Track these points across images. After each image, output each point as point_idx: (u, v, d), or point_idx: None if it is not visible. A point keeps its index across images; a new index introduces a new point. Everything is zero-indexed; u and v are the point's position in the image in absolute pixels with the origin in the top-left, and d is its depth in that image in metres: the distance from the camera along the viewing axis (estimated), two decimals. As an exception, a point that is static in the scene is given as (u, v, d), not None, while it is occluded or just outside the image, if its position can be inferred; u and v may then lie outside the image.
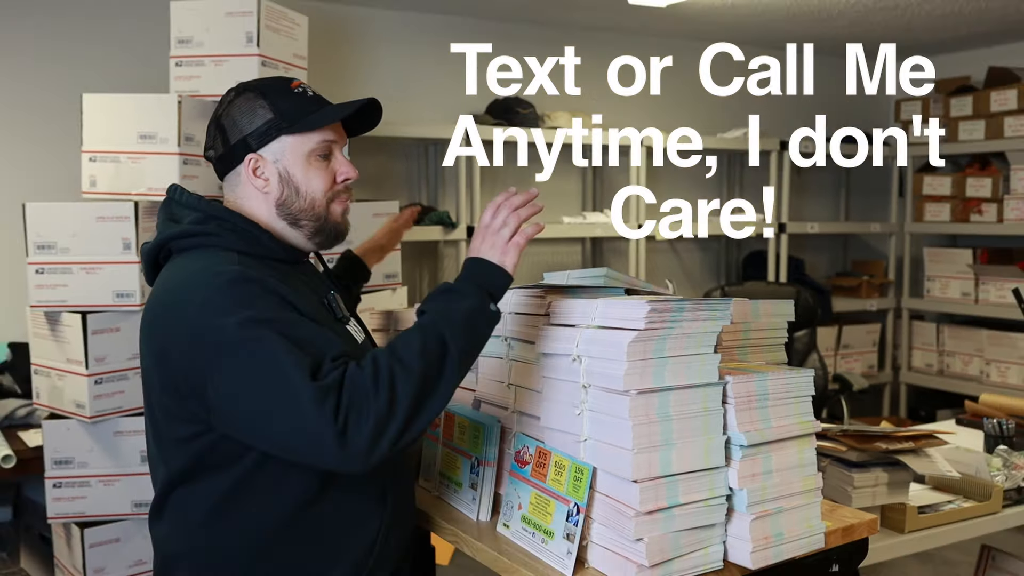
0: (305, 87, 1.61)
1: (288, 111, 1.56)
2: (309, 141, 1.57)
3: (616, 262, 4.86)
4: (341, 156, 1.63)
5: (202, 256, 1.49)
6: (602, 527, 1.40)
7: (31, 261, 2.61)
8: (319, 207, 1.59)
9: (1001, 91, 4.79)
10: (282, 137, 1.55)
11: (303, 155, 1.57)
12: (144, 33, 3.63)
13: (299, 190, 1.57)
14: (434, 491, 1.81)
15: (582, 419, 1.44)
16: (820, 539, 1.49)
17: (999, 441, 2.47)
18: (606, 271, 1.59)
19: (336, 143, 1.62)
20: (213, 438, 1.43)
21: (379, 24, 4.25)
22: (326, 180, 1.59)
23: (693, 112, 5.04)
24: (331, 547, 1.50)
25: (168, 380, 1.44)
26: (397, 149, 4.32)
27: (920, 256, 5.39)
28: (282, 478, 1.45)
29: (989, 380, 4.86)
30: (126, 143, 2.66)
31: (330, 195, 1.60)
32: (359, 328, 1.70)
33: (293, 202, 1.58)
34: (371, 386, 1.31)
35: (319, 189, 1.58)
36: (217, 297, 1.39)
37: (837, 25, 4.64)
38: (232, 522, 1.47)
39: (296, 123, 1.55)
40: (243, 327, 1.34)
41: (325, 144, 1.59)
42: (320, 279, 1.71)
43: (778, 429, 1.45)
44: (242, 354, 1.33)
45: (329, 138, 1.59)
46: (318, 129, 1.58)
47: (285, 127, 1.55)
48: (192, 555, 1.51)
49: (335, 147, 1.62)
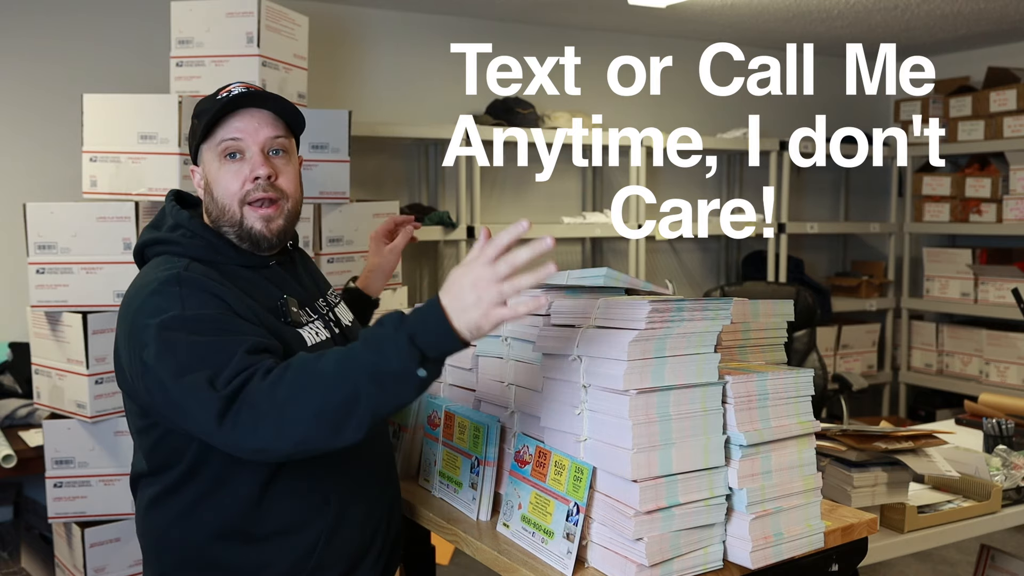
0: (236, 89, 1.56)
1: (202, 119, 1.56)
2: (214, 144, 1.55)
3: (616, 262, 4.87)
4: (258, 155, 1.54)
5: (162, 262, 1.53)
6: (602, 527, 1.40)
7: (32, 261, 2.61)
8: (231, 212, 1.54)
9: (1000, 91, 4.79)
10: (201, 147, 1.58)
11: (215, 160, 1.55)
12: (144, 33, 3.63)
13: (213, 195, 1.55)
14: (434, 491, 1.81)
15: (582, 419, 1.44)
16: (820, 539, 1.49)
17: (998, 441, 2.47)
18: (606, 271, 1.59)
19: (244, 141, 1.54)
20: (161, 431, 1.50)
21: (379, 24, 4.25)
22: (236, 181, 1.53)
23: (693, 112, 5.05)
24: (266, 550, 1.51)
25: (121, 375, 1.53)
26: (397, 149, 4.32)
27: (919, 256, 5.39)
28: (223, 479, 1.49)
29: (988, 380, 4.86)
30: (126, 143, 2.66)
31: (242, 197, 1.54)
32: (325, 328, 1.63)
33: (212, 208, 1.56)
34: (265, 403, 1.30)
35: (228, 191, 1.53)
36: (150, 300, 1.43)
37: (837, 25, 4.64)
38: (172, 516, 1.53)
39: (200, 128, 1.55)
40: (163, 329, 1.38)
41: (228, 143, 1.54)
42: (292, 281, 1.64)
43: (778, 429, 1.45)
44: (160, 352, 1.37)
45: (231, 136, 1.54)
46: (219, 129, 1.54)
47: (198, 134, 1.56)
48: (143, 541, 1.61)
49: (246, 145, 1.54)
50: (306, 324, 1.58)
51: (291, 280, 1.63)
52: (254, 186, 1.54)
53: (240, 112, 1.55)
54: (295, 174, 1.62)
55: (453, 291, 1.26)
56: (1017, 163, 4.72)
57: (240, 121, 1.54)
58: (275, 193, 1.55)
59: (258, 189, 1.54)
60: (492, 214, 4.51)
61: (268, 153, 1.56)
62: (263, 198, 1.54)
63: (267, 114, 1.57)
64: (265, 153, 1.55)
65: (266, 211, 1.55)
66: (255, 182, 1.53)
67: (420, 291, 4.35)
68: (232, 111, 1.55)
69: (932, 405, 5.26)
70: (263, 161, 1.54)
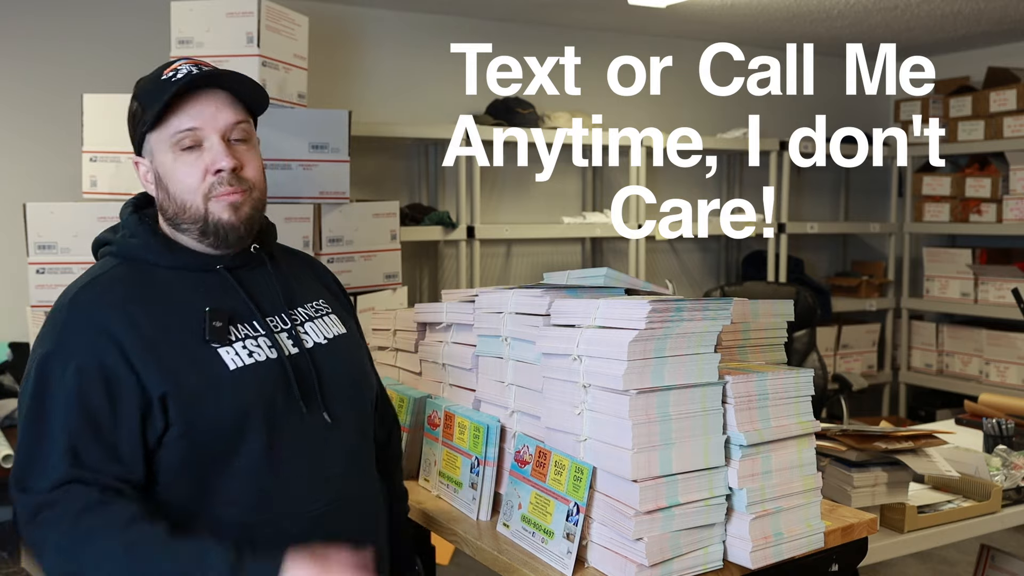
0: (181, 68, 1.38)
1: (147, 104, 1.38)
2: (166, 134, 1.38)
3: (616, 262, 4.86)
4: (219, 145, 1.38)
5: (97, 265, 1.45)
6: (602, 527, 1.40)
7: (32, 261, 2.61)
8: (193, 208, 1.38)
9: (1000, 91, 4.79)
10: (148, 136, 1.41)
11: (167, 151, 1.39)
12: (144, 33, 3.62)
13: (169, 191, 1.40)
14: (434, 491, 1.81)
15: (582, 419, 1.44)
16: (820, 539, 1.49)
17: (998, 441, 2.47)
18: (606, 271, 1.60)
19: (202, 129, 1.37)
20: None
21: (379, 24, 4.25)
22: (195, 175, 1.37)
23: (693, 112, 5.05)
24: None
25: None
26: (397, 149, 4.32)
27: (919, 256, 5.39)
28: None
29: (988, 380, 4.86)
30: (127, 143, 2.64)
31: (205, 191, 1.38)
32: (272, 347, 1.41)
33: (168, 206, 1.41)
34: (61, 553, 1.23)
35: (188, 187, 1.37)
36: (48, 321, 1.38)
37: (837, 25, 4.64)
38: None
39: (149, 116, 1.37)
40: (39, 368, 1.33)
41: (184, 134, 1.37)
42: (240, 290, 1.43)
43: (778, 429, 1.45)
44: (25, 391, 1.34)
45: (187, 126, 1.37)
46: (171, 117, 1.37)
47: (145, 123, 1.39)
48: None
49: (204, 134, 1.38)
50: (235, 342, 1.37)
51: (240, 289, 1.42)
52: (217, 179, 1.38)
53: (194, 95, 1.38)
54: (259, 161, 1.46)
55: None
56: (1017, 163, 4.72)
57: (195, 107, 1.37)
58: (241, 186, 1.40)
59: (222, 183, 1.38)
60: (492, 214, 4.52)
61: (229, 140, 1.40)
62: (229, 192, 1.39)
63: (224, 95, 1.41)
64: (226, 140, 1.39)
65: (232, 197, 1.39)
66: (218, 175, 1.38)
67: (420, 291, 4.36)
68: (184, 95, 1.38)
69: (932, 405, 5.26)
70: (225, 152, 1.38)
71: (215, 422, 1.33)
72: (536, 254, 4.71)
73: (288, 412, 1.39)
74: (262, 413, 1.36)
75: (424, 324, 1.99)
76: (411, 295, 4.17)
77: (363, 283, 3.06)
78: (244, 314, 1.41)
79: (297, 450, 1.39)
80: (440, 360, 1.90)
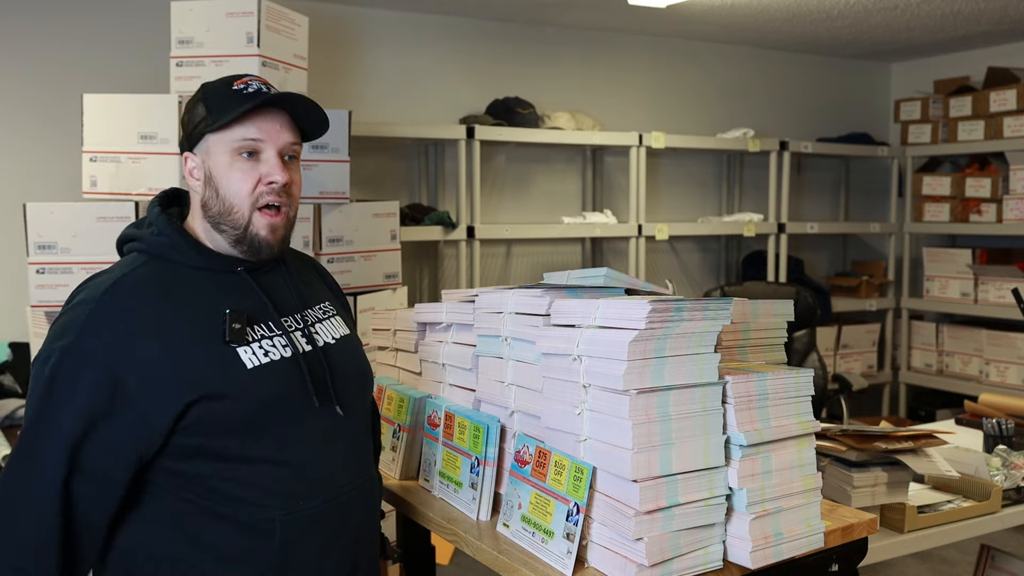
0: (252, 84, 1.50)
1: (217, 109, 1.47)
2: (229, 138, 1.46)
3: (616, 262, 4.87)
4: (276, 159, 1.48)
5: (126, 260, 1.49)
6: (602, 527, 1.40)
7: (32, 261, 2.61)
8: (238, 214, 1.47)
9: (1000, 91, 4.80)
10: (208, 135, 1.48)
11: (226, 154, 1.47)
12: (144, 33, 3.63)
13: (219, 191, 1.47)
14: (434, 491, 1.81)
15: (582, 419, 1.44)
16: (820, 539, 1.49)
17: (998, 441, 2.48)
18: (606, 271, 1.59)
19: (264, 142, 1.48)
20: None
21: (379, 24, 4.25)
22: (248, 182, 1.46)
23: (693, 112, 5.05)
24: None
25: None
26: (397, 149, 4.32)
27: (919, 256, 5.39)
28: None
29: (988, 380, 4.86)
30: (127, 143, 2.67)
31: (253, 199, 1.47)
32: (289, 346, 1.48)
33: (213, 204, 1.48)
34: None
35: (240, 191, 1.46)
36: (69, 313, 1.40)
37: (837, 25, 4.64)
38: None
39: (217, 120, 1.46)
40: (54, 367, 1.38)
41: (247, 142, 1.46)
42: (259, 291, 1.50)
43: (778, 429, 1.45)
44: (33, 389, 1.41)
45: (252, 136, 1.47)
46: (237, 125, 1.46)
47: (210, 124, 1.47)
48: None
49: (265, 146, 1.48)
50: (253, 342, 1.44)
51: (259, 289, 1.50)
52: (267, 189, 1.47)
53: (262, 110, 1.48)
54: (301, 180, 1.58)
55: None
56: (1017, 163, 4.72)
57: (262, 121, 1.48)
58: (286, 199, 1.50)
59: (271, 193, 1.47)
60: (492, 214, 4.52)
61: (284, 158, 1.51)
62: (276, 203, 1.48)
63: (286, 117, 1.52)
64: (282, 157, 1.50)
65: (274, 220, 1.48)
66: (269, 186, 1.47)
67: (420, 291, 4.36)
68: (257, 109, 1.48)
69: (932, 405, 5.26)
70: (280, 167, 1.48)
71: (231, 421, 1.39)
72: (536, 254, 4.71)
73: (302, 406, 1.46)
74: (277, 408, 1.43)
75: (424, 324, 1.99)
76: (411, 295, 4.17)
77: (363, 283, 3.06)
78: (262, 315, 1.48)
79: (311, 443, 1.47)
80: (440, 360, 1.90)
